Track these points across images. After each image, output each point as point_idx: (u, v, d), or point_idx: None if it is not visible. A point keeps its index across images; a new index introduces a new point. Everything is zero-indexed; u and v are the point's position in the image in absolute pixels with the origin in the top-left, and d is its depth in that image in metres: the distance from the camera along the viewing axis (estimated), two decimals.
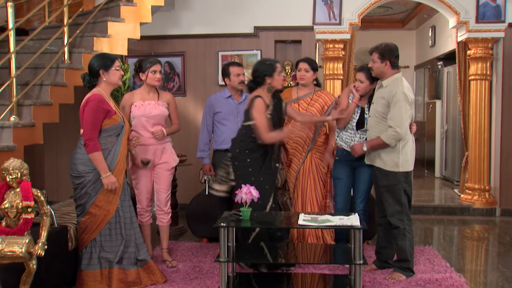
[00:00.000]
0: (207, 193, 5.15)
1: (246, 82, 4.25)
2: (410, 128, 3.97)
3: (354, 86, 4.21)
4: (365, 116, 4.15)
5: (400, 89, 3.83)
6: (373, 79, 4.09)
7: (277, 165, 4.16)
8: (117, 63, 3.76)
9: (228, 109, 4.57)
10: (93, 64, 3.71)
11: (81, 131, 3.69)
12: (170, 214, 4.42)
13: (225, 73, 4.58)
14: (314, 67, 4.47)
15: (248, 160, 4.05)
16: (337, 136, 4.33)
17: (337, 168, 4.34)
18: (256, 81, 4.07)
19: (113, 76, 3.72)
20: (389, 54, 3.89)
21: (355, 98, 4.18)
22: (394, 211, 3.91)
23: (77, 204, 3.73)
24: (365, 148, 3.99)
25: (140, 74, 4.25)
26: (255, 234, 4.06)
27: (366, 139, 4.12)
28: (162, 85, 5.57)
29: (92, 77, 3.72)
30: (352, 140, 4.21)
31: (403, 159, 3.87)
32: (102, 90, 3.70)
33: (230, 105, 4.58)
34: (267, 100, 4.07)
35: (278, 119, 4.10)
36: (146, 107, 4.22)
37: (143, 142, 4.19)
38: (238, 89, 4.58)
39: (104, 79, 3.71)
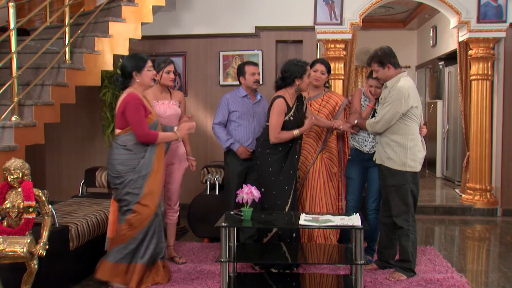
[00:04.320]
0: (208, 193, 5.15)
1: (275, 80, 4.24)
2: (420, 130, 3.96)
3: (370, 92, 4.18)
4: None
5: (400, 90, 3.81)
6: None
7: (297, 165, 4.19)
8: (149, 63, 3.78)
9: (244, 108, 4.51)
10: (125, 65, 3.74)
11: (117, 131, 3.71)
12: (178, 212, 4.48)
13: (241, 72, 4.54)
14: (329, 70, 4.50)
15: (269, 160, 4.06)
16: (351, 138, 4.34)
17: (349, 167, 4.35)
18: (286, 81, 4.07)
19: (146, 77, 3.75)
20: (387, 57, 3.89)
21: (371, 102, 4.17)
22: (400, 211, 3.91)
23: (121, 204, 3.74)
24: (355, 121, 4.14)
25: None
26: (272, 235, 4.06)
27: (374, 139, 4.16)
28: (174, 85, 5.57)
29: (125, 79, 3.75)
30: (365, 140, 4.21)
31: (411, 159, 3.87)
32: (135, 90, 3.73)
33: (246, 104, 4.53)
34: (291, 101, 4.08)
35: (298, 121, 4.11)
36: (161, 107, 4.25)
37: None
38: (253, 88, 4.55)
39: (138, 80, 3.74)
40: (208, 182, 5.19)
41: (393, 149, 3.89)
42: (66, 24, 4.87)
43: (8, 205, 3.18)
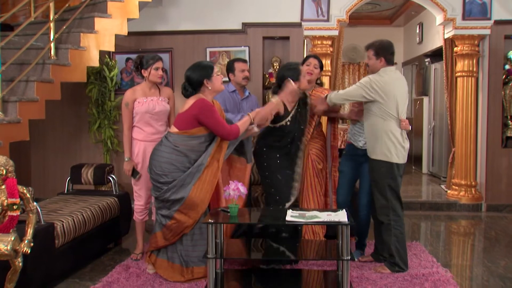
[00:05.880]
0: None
1: (272, 87, 4.29)
2: (400, 124, 4.00)
3: None
4: None
5: (370, 79, 3.91)
6: None
7: (296, 165, 4.19)
8: (216, 68, 3.86)
9: (232, 103, 4.58)
10: (193, 76, 3.80)
11: (174, 129, 3.76)
12: None
13: (230, 69, 4.65)
14: (321, 65, 4.53)
15: (265, 156, 4.12)
16: (349, 132, 4.42)
17: (342, 161, 4.42)
18: (282, 85, 4.13)
19: (216, 82, 3.82)
20: (384, 51, 3.96)
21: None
22: (380, 205, 3.97)
23: (163, 205, 3.78)
24: (328, 100, 4.14)
25: (142, 70, 4.27)
26: (241, 232, 4.08)
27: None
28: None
29: (194, 88, 3.81)
30: (360, 135, 4.27)
31: (386, 149, 3.92)
32: (205, 97, 3.79)
33: (234, 100, 4.61)
34: (291, 105, 4.12)
35: (299, 125, 4.14)
36: (150, 104, 4.25)
37: (145, 138, 4.22)
38: (242, 84, 4.63)
39: (209, 88, 3.79)
40: None
41: (369, 140, 4.00)
42: (51, 19, 4.82)
43: None
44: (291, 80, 4.05)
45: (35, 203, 3.30)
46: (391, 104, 3.90)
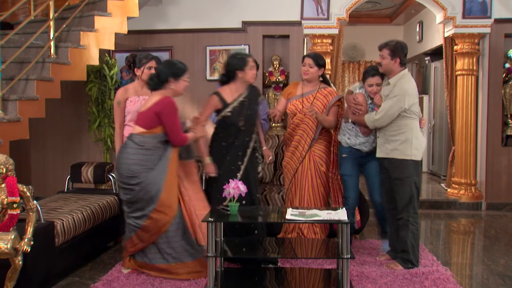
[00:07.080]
0: (203, 188, 5.08)
1: (219, 78, 4.22)
2: (420, 122, 4.01)
3: (373, 91, 4.12)
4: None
5: (405, 87, 3.90)
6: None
7: (241, 162, 4.03)
8: (187, 74, 3.85)
9: None
10: (163, 71, 3.79)
11: (139, 129, 3.74)
12: None
13: None
14: (319, 63, 4.39)
15: (210, 151, 4.08)
16: (348, 139, 4.28)
17: (344, 165, 4.35)
18: (228, 75, 4.05)
19: (181, 85, 3.82)
20: (400, 51, 3.94)
21: (378, 107, 4.10)
22: (403, 204, 3.97)
23: (135, 207, 3.76)
24: (350, 120, 4.18)
25: (135, 69, 4.26)
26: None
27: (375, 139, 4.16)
28: None
29: (159, 82, 3.78)
30: (367, 141, 4.22)
31: (415, 148, 3.93)
32: (168, 95, 3.79)
33: None
34: (230, 97, 4.02)
35: (244, 117, 4.01)
36: (141, 103, 4.25)
37: None
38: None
39: (172, 87, 3.78)
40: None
41: (397, 141, 3.94)
42: (50, 18, 4.82)
43: None
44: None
45: (35, 202, 3.29)
46: (417, 104, 3.97)
